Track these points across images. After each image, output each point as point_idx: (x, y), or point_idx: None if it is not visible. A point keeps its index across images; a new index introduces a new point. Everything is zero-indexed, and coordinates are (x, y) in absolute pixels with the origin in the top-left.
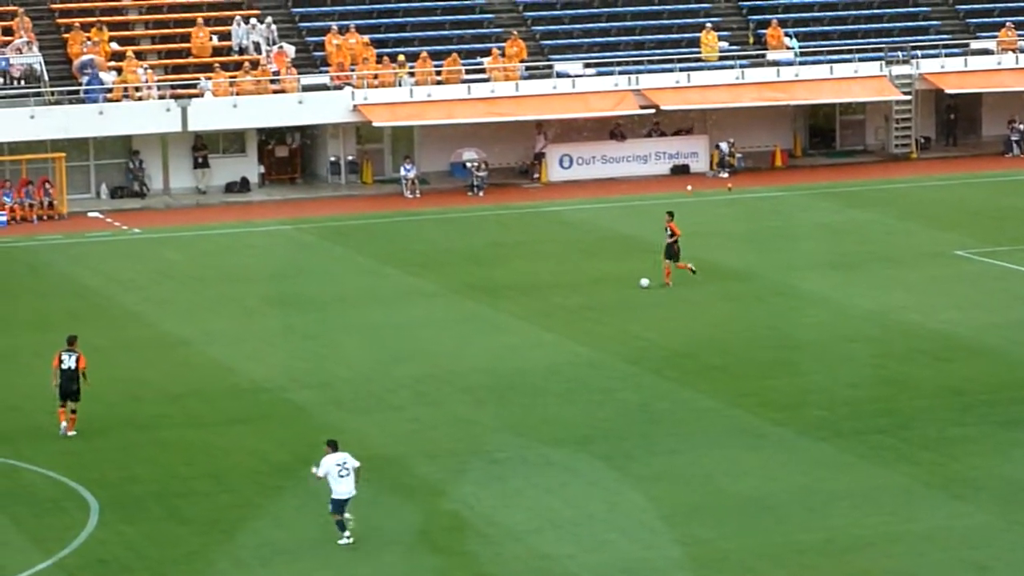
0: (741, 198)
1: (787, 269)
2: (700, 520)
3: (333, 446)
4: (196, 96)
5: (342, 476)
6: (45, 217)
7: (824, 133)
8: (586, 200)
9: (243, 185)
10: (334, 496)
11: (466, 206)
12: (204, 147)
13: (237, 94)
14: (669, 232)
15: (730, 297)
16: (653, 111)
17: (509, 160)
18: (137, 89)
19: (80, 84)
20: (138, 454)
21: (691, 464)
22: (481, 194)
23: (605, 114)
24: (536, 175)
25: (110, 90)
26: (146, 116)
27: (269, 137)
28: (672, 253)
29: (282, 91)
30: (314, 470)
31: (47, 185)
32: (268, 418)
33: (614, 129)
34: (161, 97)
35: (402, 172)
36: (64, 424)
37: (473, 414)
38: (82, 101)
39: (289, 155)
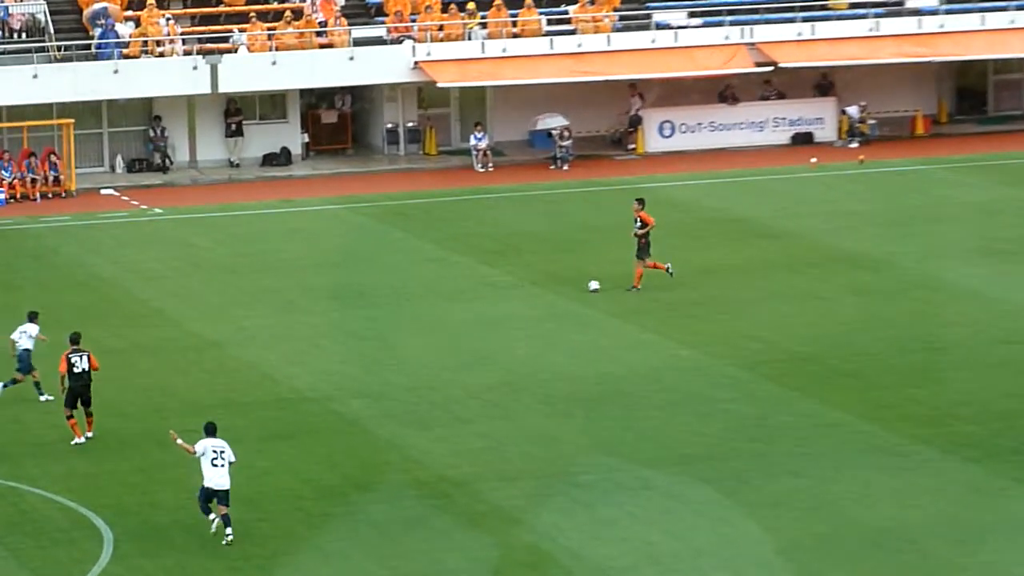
0: (875, 172)
1: (929, 257)
2: (826, 555)
3: (210, 431)
4: (228, 51)
5: (215, 465)
6: (50, 195)
7: (974, 95)
8: (691, 175)
9: (284, 157)
10: (205, 484)
11: (548, 182)
12: (238, 112)
13: (276, 49)
14: (639, 223)
15: (862, 290)
16: (770, 69)
17: (599, 127)
18: (159, 43)
19: (92, 37)
20: (160, 476)
21: (816, 489)
22: (566, 168)
23: (713, 72)
24: (631, 145)
25: (127, 44)
26: (169, 75)
27: (315, 100)
28: (641, 248)
29: (330, 45)
30: (186, 444)
31: (52, 157)
32: (313, 433)
33: (724, 91)
34: (187, 53)
35: (472, 142)
36: (78, 436)
37: (556, 429)
38: (95, 58)
39: (338, 122)
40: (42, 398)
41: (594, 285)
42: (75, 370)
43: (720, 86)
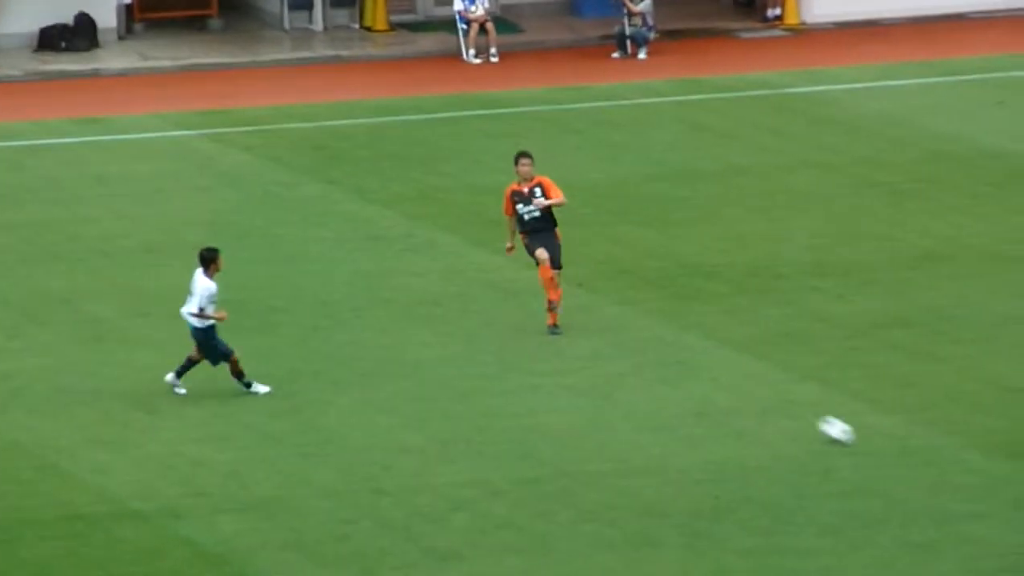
0: None
1: None
2: None
3: None
4: None
5: None
6: None
7: None
8: (893, 68)
9: (82, 33)
10: None
11: (606, 85)
12: None
13: None
14: (538, 193)
15: None
16: None
17: None
18: None
19: None
20: None
21: None
22: (643, 54)
23: None
24: (773, 10)
25: None
26: None
27: None
28: (550, 248)
29: None
30: None
31: None
32: None
33: None
34: None
35: (458, 4)
36: None
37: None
38: None
39: None
40: None
41: (837, 430)
42: None
43: None
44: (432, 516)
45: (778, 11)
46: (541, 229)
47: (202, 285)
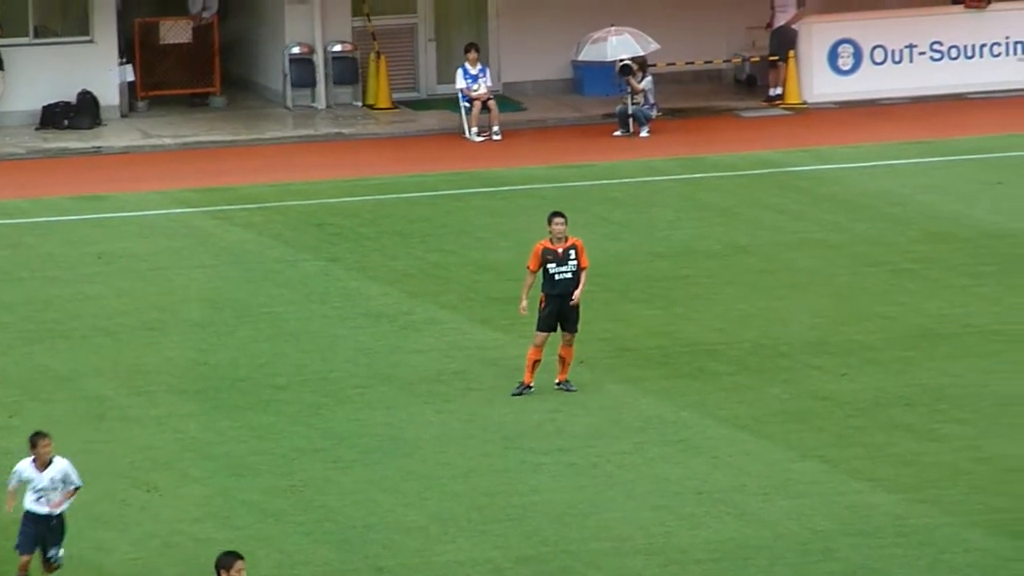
0: None
1: None
2: None
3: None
4: None
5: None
6: None
7: None
8: (897, 146)
9: (85, 111)
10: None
11: (609, 162)
12: None
13: None
14: (572, 257)
15: None
16: None
17: (709, 55)
18: None
19: None
20: None
21: None
22: (644, 134)
23: None
24: (775, 89)
25: None
26: None
27: (149, 2)
28: (568, 313)
29: None
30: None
31: None
32: None
33: None
34: None
35: (461, 83)
36: None
37: None
38: None
39: (194, 43)
40: None
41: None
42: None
43: None
44: None
45: (780, 90)
46: (566, 293)
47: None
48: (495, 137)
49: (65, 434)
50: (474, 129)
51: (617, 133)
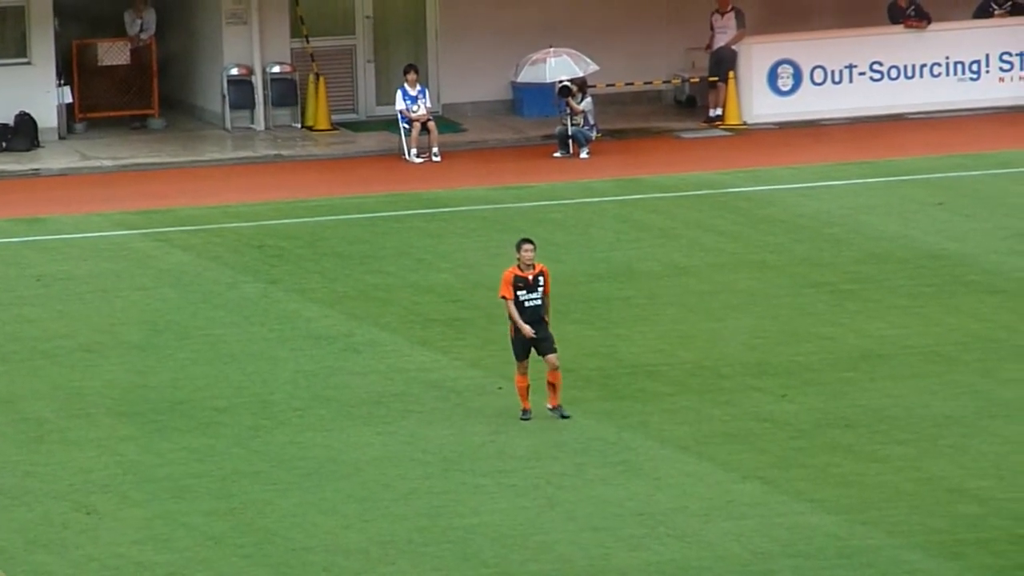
0: None
1: None
2: None
3: None
4: None
5: None
6: None
7: None
8: (836, 168)
9: (23, 132)
10: None
11: (547, 184)
12: None
13: None
14: (537, 283)
15: None
16: None
17: (648, 75)
18: None
19: None
20: None
21: None
22: (584, 155)
23: None
24: (715, 109)
25: None
26: None
27: (86, 24)
28: (543, 336)
29: None
30: None
31: None
32: None
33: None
34: None
35: (400, 103)
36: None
37: None
38: None
39: (132, 64)
40: None
41: None
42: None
43: None
44: None
45: (719, 111)
46: (538, 320)
47: None
48: (435, 158)
49: (3, 457)
50: (413, 150)
51: (557, 154)
